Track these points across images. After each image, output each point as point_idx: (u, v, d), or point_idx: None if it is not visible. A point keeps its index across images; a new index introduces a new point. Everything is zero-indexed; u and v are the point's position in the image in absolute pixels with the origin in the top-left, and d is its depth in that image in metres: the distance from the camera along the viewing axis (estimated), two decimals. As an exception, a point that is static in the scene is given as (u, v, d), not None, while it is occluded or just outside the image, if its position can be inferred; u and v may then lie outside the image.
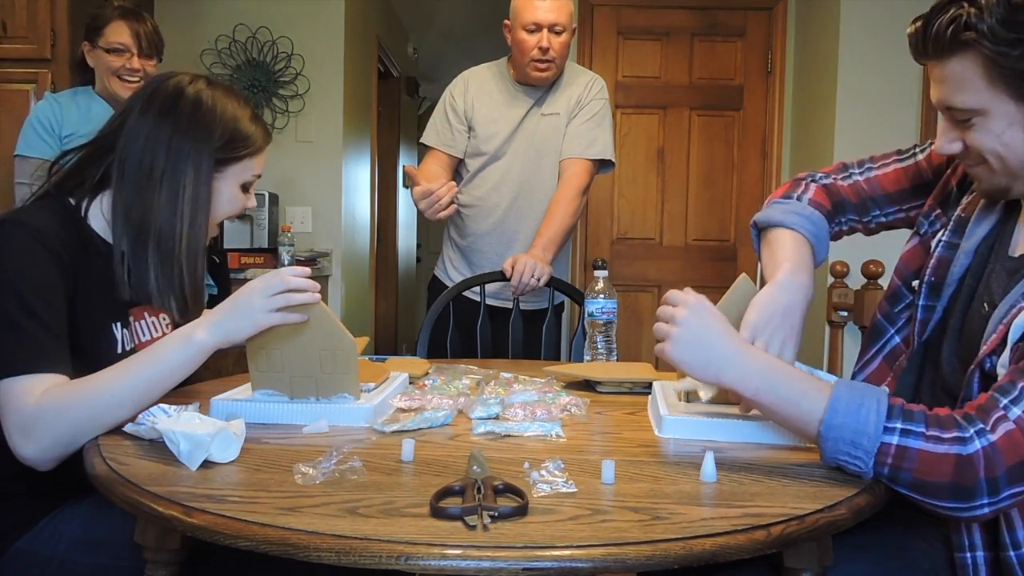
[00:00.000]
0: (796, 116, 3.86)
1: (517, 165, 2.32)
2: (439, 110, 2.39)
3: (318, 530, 0.78)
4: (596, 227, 4.00)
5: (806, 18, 3.76)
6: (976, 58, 0.96)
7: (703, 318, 1.02)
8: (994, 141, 1.00)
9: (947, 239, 1.16)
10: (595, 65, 3.92)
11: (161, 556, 0.94)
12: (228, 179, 1.31)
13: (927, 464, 0.91)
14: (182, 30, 3.71)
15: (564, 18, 2.22)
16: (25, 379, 1.07)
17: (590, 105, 2.34)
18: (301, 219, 3.77)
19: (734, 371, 1.00)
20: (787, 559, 0.91)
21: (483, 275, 2.20)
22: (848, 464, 0.96)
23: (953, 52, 0.98)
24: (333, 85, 3.77)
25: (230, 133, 1.29)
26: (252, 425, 1.12)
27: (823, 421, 0.95)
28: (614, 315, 1.69)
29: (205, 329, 1.13)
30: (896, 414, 0.94)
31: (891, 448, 0.92)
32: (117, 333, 1.26)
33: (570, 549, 0.75)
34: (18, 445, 1.06)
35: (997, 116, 0.99)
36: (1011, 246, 1.09)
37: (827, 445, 0.96)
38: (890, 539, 1.10)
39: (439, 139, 2.36)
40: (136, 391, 1.09)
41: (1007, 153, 1.00)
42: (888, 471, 0.93)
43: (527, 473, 0.94)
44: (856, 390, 0.96)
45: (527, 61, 2.24)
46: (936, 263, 1.16)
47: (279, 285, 1.13)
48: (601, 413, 1.32)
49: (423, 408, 1.26)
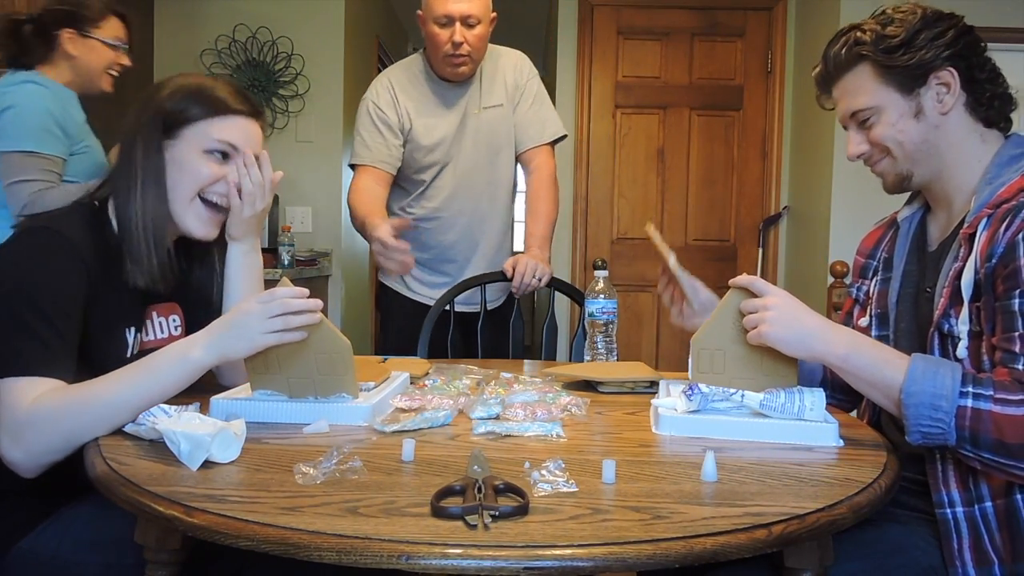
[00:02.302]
0: (796, 116, 3.86)
1: (471, 167, 2.23)
2: (364, 125, 2.19)
3: (319, 530, 0.78)
4: (596, 227, 4.00)
5: (806, 18, 3.76)
6: (867, 67, 1.20)
7: (789, 301, 1.14)
8: (892, 131, 1.20)
9: (881, 277, 1.33)
10: (595, 65, 3.93)
11: (162, 556, 0.94)
12: (185, 146, 1.26)
13: (1003, 426, 0.98)
14: (182, 30, 3.71)
15: (478, 9, 2.07)
16: (24, 381, 1.08)
17: (528, 86, 2.25)
18: (301, 219, 3.77)
19: (823, 343, 1.11)
20: (787, 558, 0.91)
21: (483, 275, 2.20)
22: (932, 431, 1.02)
23: (849, 67, 1.22)
24: (333, 85, 3.78)
25: (180, 96, 1.25)
26: (252, 425, 1.12)
27: (903, 389, 1.04)
28: (614, 315, 1.69)
29: (202, 348, 1.13)
30: (969, 380, 1.02)
31: (967, 411, 1.00)
32: (129, 337, 1.26)
33: (571, 548, 0.75)
34: (6, 448, 1.07)
35: (890, 109, 1.19)
36: (929, 244, 1.26)
37: (910, 413, 1.03)
38: (890, 539, 1.11)
39: (373, 156, 2.18)
40: (128, 404, 1.09)
41: (904, 139, 1.20)
42: (969, 434, 1.00)
43: (528, 473, 0.94)
44: (931, 361, 1.06)
45: (441, 56, 2.10)
46: (877, 297, 1.31)
47: (277, 308, 1.12)
48: (601, 413, 1.32)
49: (423, 408, 1.26)
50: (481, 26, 2.09)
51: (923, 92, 1.17)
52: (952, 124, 1.19)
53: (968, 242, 1.11)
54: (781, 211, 3.90)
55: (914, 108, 1.18)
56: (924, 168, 1.21)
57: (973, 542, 1.06)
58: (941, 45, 1.15)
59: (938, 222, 1.26)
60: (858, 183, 3.21)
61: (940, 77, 1.16)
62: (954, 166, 1.20)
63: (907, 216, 1.32)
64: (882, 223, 1.42)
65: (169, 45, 3.71)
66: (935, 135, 1.19)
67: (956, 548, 1.07)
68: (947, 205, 1.23)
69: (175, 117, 1.26)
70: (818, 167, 3.49)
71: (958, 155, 1.19)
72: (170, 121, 1.26)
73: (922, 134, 1.19)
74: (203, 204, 1.30)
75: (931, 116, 1.18)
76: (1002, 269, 1.05)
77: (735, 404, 1.18)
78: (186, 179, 1.26)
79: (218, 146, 1.28)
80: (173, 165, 1.26)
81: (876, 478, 0.97)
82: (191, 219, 1.29)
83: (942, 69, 1.16)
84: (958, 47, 1.16)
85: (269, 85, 3.70)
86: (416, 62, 2.24)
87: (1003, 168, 1.15)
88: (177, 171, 1.26)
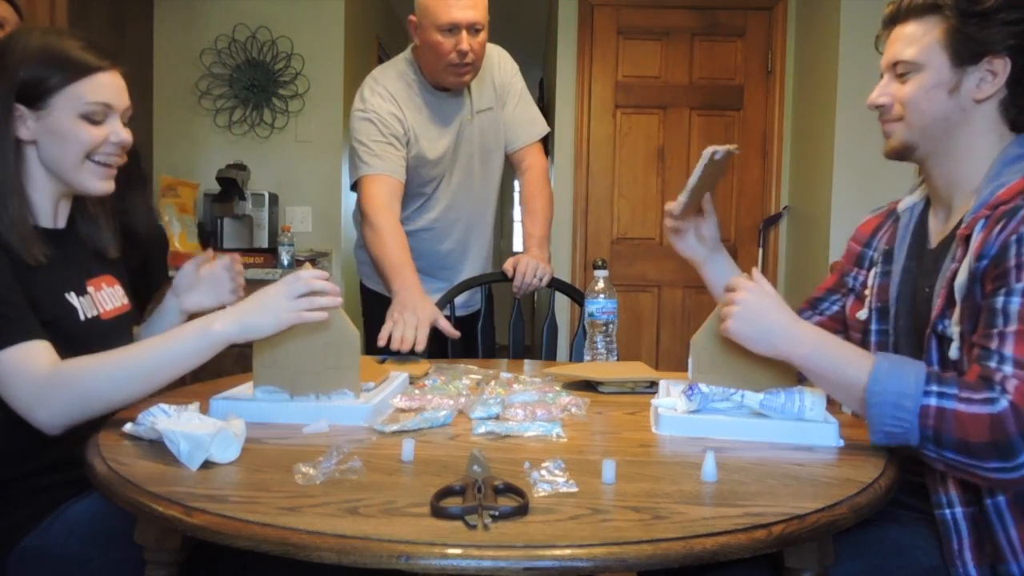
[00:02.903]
0: (796, 116, 3.86)
1: (466, 174, 2.19)
2: (370, 135, 2.03)
3: (319, 530, 0.78)
4: (596, 227, 4.00)
5: (806, 18, 3.76)
6: (937, 22, 1.15)
7: (759, 297, 1.13)
8: (921, 95, 1.16)
9: (881, 270, 1.29)
10: (595, 65, 3.93)
11: (161, 556, 0.94)
12: (58, 114, 1.21)
13: (965, 424, 0.97)
14: (182, 30, 3.71)
15: (483, 15, 1.98)
16: (19, 348, 1.10)
17: (512, 84, 2.20)
18: (301, 219, 3.77)
19: (787, 341, 1.11)
20: (787, 558, 0.91)
21: (484, 275, 2.20)
22: (895, 430, 1.01)
23: (921, 15, 1.16)
24: (333, 85, 3.77)
25: (35, 63, 1.20)
26: (252, 425, 1.12)
27: (867, 388, 1.03)
28: (614, 315, 1.69)
29: (224, 322, 1.15)
30: (933, 379, 1.01)
31: (931, 410, 0.99)
32: (74, 302, 1.26)
33: (571, 548, 0.75)
34: (31, 409, 1.10)
35: (931, 73, 1.15)
36: (929, 241, 1.24)
37: (873, 412, 1.03)
38: (890, 539, 1.11)
39: (387, 166, 2.01)
40: (146, 368, 1.13)
41: (927, 108, 1.16)
42: (932, 433, 0.99)
43: (527, 473, 0.94)
44: (896, 359, 1.05)
45: (443, 66, 1.99)
46: (877, 291, 1.29)
47: (302, 287, 1.15)
48: (601, 413, 1.32)
49: (423, 408, 1.26)
50: (484, 32, 2.02)
51: (970, 71, 1.13)
52: (979, 114, 1.15)
53: (964, 243, 1.10)
54: (781, 211, 3.90)
55: (953, 82, 1.14)
56: (932, 146, 1.19)
57: (974, 542, 1.06)
58: (1012, 31, 1.11)
59: (938, 218, 1.24)
60: (858, 183, 3.21)
61: (992, 63, 1.12)
62: (963, 157, 1.17)
63: (908, 207, 1.30)
64: (881, 211, 1.40)
65: (169, 45, 3.70)
66: (958, 118, 1.16)
67: (956, 548, 1.07)
68: (947, 202, 1.22)
69: (36, 87, 1.20)
70: (818, 167, 3.49)
71: (970, 147, 1.17)
72: (31, 92, 1.21)
73: (946, 112, 1.16)
74: (94, 164, 1.27)
75: (964, 98, 1.15)
76: (992, 270, 1.05)
77: (735, 404, 1.18)
78: (70, 147, 1.23)
79: (93, 108, 1.23)
80: (49, 135, 1.23)
81: (876, 478, 0.97)
82: (87, 180, 1.26)
83: (999, 55, 1.12)
84: None
85: (269, 85, 3.69)
86: (407, 71, 2.12)
87: (1006, 166, 1.14)
88: (59, 141, 1.23)
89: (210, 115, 3.69)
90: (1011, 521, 1.04)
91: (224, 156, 3.60)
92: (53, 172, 1.26)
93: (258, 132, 3.73)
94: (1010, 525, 1.04)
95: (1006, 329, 1.01)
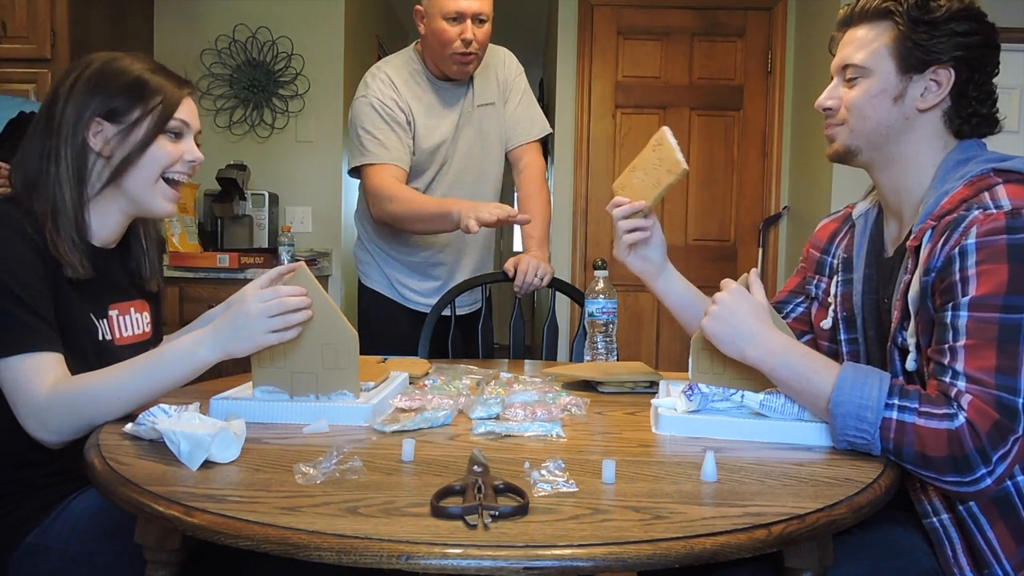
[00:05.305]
0: (796, 116, 3.86)
1: (464, 166, 2.20)
2: (374, 123, 2.06)
3: (319, 530, 0.78)
4: (596, 227, 4.00)
5: (806, 18, 3.76)
6: (888, 28, 1.16)
7: (737, 300, 1.15)
8: (865, 100, 1.17)
9: (842, 278, 1.30)
10: (595, 65, 3.93)
11: (161, 556, 0.94)
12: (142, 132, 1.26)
13: (925, 439, 0.98)
14: (182, 30, 3.71)
15: (488, 5, 2.02)
16: (29, 358, 1.12)
17: (516, 84, 2.22)
18: (301, 219, 3.77)
19: (756, 348, 1.12)
20: (788, 558, 0.91)
21: (484, 276, 2.20)
22: (857, 440, 1.03)
23: (872, 19, 1.17)
24: (333, 85, 3.77)
25: (121, 92, 1.25)
26: (252, 425, 1.12)
27: (831, 398, 1.04)
28: (614, 315, 1.69)
29: (208, 348, 1.16)
30: (896, 392, 1.02)
31: (892, 423, 1.01)
32: (96, 322, 1.28)
33: (571, 548, 0.75)
34: (34, 430, 1.14)
35: (877, 79, 1.16)
36: (886, 249, 1.25)
37: (836, 422, 1.04)
38: (890, 539, 1.10)
39: (392, 154, 2.05)
40: (138, 392, 1.15)
41: (871, 115, 1.17)
42: (893, 446, 1.01)
43: (527, 473, 0.94)
44: (861, 370, 1.06)
45: (448, 54, 2.03)
46: (841, 299, 1.29)
47: (276, 307, 1.14)
48: (601, 413, 1.32)
49: (423, 408, 1.26)
50: (488, 23, 2.05)
51: (915, 79, 1.14)
52: (923, 123, 1.16)
53: (915, 255, 1.11)
54: (781, 211, 3.90)
55: (899, 90, 1.15)
56: (874, 152, 1.20)
57: (966, 546, 1.06)
58: (959, 43, 1.12)
59: (891, 226, 1.25)
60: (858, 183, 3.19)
61: (937, 72, 1.13)
62: (907, 165, 1.18)
63: (862, 213, 1.31)
64: (838, 215, 1.40)
65: (169, 45, 3.70)
66: (901, 125, 1.16)
67: (951, 555, 1.06)
68: (897, 209, 1.22)
69: (128, 113, 1.25)
70: (818, 167, 3.49)
71: (915, 154, 1.17)
72: (116, 116, 1.25)
73: (890, 119, 1.16)
74: (166, 184, 1.30)
75: (908, 106, 1.15)
76: (939, 283, 1.05)
77: (735, 404, 1.18)
78: (149, 162, 1.27)
79: (175, 124, 1.29)
80: (128, 150, 1.26)
81: (876, 478, 0.97)
82: (158, 200, 1.30)
83: (944, 66, 1.12)
84: (971, 53, 1.13)
85: (269, 85, 3.70)
86: (411, 60, 2.16)
87: (949, 172, 1.13)
88: (138, 155, 1.26)
89: (210, 115, 3.69)
90: (987, 524, 1.05)
91: (224, 156, 3.60)
92: (123, 188, 1.28)
93: (258, 132, 3.73)
94: (986, 528, 1.05)
95: (956, 344, 1.02)
